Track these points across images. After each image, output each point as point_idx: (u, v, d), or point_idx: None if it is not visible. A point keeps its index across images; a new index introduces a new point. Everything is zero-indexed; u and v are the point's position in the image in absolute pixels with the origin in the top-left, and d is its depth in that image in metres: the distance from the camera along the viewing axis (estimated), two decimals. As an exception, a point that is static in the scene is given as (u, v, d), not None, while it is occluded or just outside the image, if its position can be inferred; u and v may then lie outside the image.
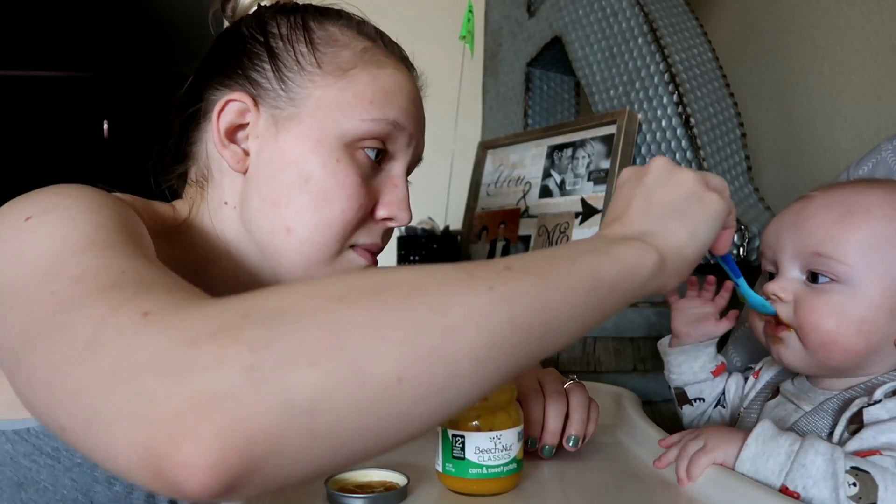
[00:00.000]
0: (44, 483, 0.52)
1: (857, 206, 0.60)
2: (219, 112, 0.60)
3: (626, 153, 1.20)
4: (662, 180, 0.49)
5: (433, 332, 0.31)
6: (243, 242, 0.62)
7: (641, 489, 0.58)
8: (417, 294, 0.32)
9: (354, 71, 0.61)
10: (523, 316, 0.35)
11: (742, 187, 1.15)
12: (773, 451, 0.52)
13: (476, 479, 0.53)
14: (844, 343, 0.59)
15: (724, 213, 0.49)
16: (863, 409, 0.55)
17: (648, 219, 0.47)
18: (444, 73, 1.68)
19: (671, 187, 0.48)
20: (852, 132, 1.15)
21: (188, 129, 0.64)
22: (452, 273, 0.35)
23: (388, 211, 0.63)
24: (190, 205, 0.64)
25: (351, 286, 0.32)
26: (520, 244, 1.33)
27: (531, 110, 1.60)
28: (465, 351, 0.32)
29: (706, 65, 1.23)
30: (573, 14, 1.39)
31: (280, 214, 0.59)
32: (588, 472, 0.61)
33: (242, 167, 0.60)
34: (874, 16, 1.10)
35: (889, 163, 0.76)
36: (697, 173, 0.50)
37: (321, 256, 0.60)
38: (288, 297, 0.32)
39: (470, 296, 0.33)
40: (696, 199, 0.48)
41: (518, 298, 0.35)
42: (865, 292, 0.58)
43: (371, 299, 0.31)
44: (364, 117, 0.59)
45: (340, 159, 0.59)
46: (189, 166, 0.65)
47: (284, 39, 0.61)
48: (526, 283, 0.36)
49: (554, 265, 0.38)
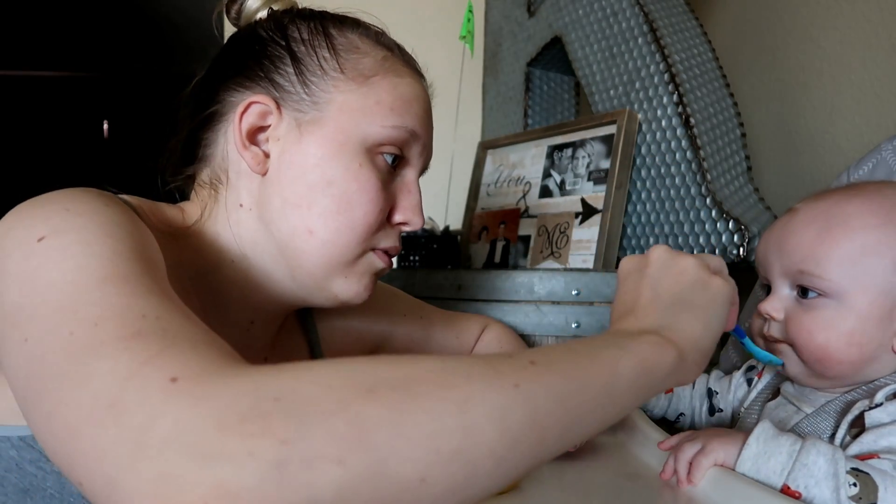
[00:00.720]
0: (50, 490, 0.51)
1: (835, 220, 0.60)
2: (241, 113, 0.60)
3: (626, 153, 1.20)
4: (665, 270, 0.50)
5: (457, 433, 0.32)
6: (259, 244, 0.62)
7: (641, 489, 0.58)
8: (443, 390, 0.33)
9: (376, 78, 0.62)
10: (544, 415, 0.35)
11: (742, 187, 1.15)
12: (774, 450, 0.52)
13: None
14: (837, 356, 0.59)
15: (731, 294, 0.50)
16: (864, 412, 0.55)
17: (660, 311, 0.48)
18: (444, 73, 1.68)
19: (675, 277, 0.49)
20: (852, 132, 1.15)
21: (200, 131, 0.64)
22: (479, 368, 0.35)
23: (403, 216, 0.64)
24: (202, 207, 0.64)
25: (380, 377, 0.33)
26: (520, 244, 1.33)
27: (531, 110, 1.60)
28: (487, 452, 0.32)
29: (706, 65, 1.23)
30: (573, 14, 1.39)
31: (302, 216, 0.59)
32: (588, 472, 0.61)
33: (262, 169, 0.61)
34: (874, 16, 1.10)
35: (889, 163, 0.76)
36: (697, 258, 0.51)
37: (343, 258, 0.61)
38: (318, 382, 0.32)
39: (494, 394, 0.34)
40: (702, 287, 0.49)
41: (540, 397, 0.36)
42: (853, 305, 0.59)
43: (400, 394, 0.32)
44: (385, 123, 0.61)
45: (362, 164, 0.60)
46: (200, 168, 0.65)
47: (307, 44, 0.62)
48: (548, 381, 0.37)
49: (576, 361, 0.39)
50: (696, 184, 1.11)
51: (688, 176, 1.13)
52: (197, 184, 0.65)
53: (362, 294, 0.64)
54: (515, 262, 1.34)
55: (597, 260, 1.16)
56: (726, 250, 1.05)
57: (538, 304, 1.06)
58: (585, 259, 1.18)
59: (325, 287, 0.62)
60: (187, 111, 0.65)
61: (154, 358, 0.33)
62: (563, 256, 1.22)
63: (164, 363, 0.32)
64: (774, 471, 0.51)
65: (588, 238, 1.19)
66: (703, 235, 1.09)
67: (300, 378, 0.32)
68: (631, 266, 0.53)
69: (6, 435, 0.50)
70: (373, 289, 0.65)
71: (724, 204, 1.07)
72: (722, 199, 1.08)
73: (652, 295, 0.49)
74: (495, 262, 1.38)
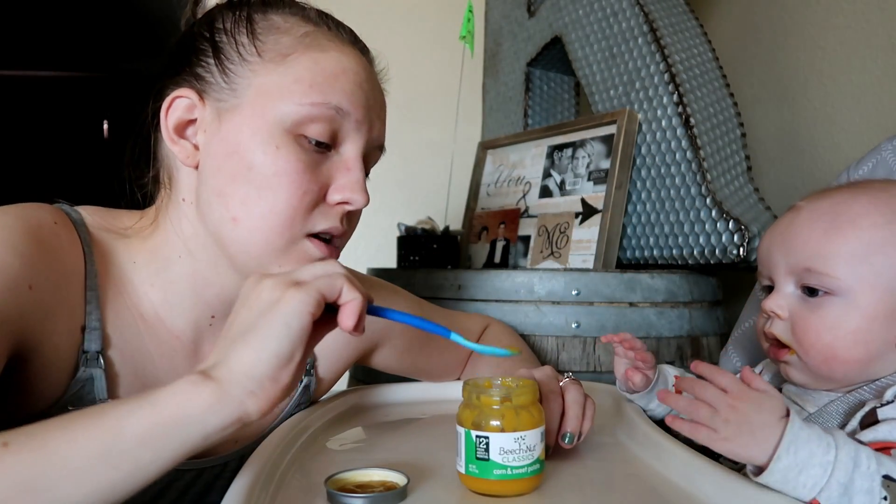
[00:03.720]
0: None
1: (843, 217, 0.60)
2: (167, 109, 0.61)
3: (626, 153, 1.20)
4: (242, 300, 0.48)
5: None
6: (199, 237, 0.63)
7: (641, 489, 0.58)
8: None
9: (294, 56, 0.61)
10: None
11: (742, 187, 1.15)
12: (805, 461, 0.47)
13: (500, 480, 0.53)
14: (844, 355, 0.59)
15: (307, 304, 0.46)
16: (876, 409, 0.55)
17: (221, 348, 0.46)
18: (444, 73, 1.68)
19: (250, 305, 0.47)
20: (852, 132, 1.15)
21: (153, 133, 0.66)
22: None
23: (341, 194, 0.62)
24: (157, 208, 0.66)
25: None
26: (520, 244, 1.33)
27: (531, 110, 1.60)
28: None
29: (706, 65, 1.23)
30: (573, 14, 1.39)
31: (226, 205, 0.59)
32: (588, 472, 0.61)
33: (192, 161, 0.61)
34: (874, 16, 1.10)
35: (889, 163, 0.76)
36: (283, 277, 0.48)
37: (271, 245, 0.60)
38: None
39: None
40: (268, 307, 0.46)
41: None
42: (859, 303, 0.58)
43: None
44: (303, 101, 0.59)
45: (280, 146, 0.59)
46: (158, 169, 0.67)
47: (227, 33, 0.62)
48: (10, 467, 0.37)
49: (61, 435, 0.39)
50: (696, 184, 1.11)
51: (688, 176, 1.13)
52: (159, 185, 0.67)
53: None
54: (515, 262, 1.34)
55: (597, 260, 1.16)
56: (726, 250, 1.05)
57: (538, 304, 1.06)
58: (585, 259, 1.18)
59: None
60: (145, 115, 0.66)
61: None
62: (563, 256, 1.22)
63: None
64: (805, 485, 0.47)
65: (588, 238, 1.19)
66: (703, 235, 1.09)
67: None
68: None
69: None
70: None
71: (724, 204, 1.07)
72: (722, 199, 1.08)
73: (226, 329, 0.48)
74: (495, 262, 1.38)
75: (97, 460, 0.40)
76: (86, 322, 0.59)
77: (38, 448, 0.39)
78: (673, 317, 1.08)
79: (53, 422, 0.40)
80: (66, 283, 0.58)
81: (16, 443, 0.38)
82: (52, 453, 0.39)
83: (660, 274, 1.09)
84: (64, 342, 0.58)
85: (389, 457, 0.63)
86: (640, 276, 1.07)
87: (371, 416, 0.80)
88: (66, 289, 0.58)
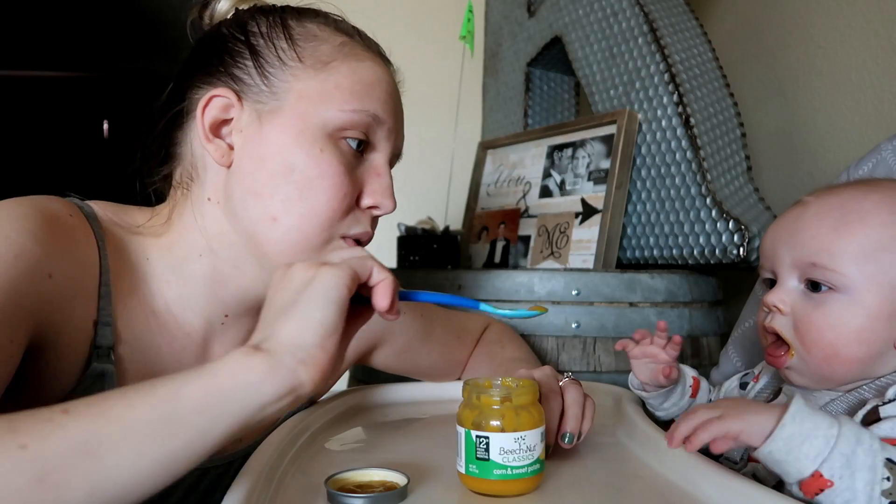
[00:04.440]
0: None
1: (852, 214, 0.60)
2: (203, 107, 0.62)
3: (626, 153, 1.20)
4: (276, 286, 0.49)
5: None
6: (225, 236, 0.64)
7: (641, 489, 0.58)
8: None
9: (334, 63, 0.63)
10: (59, 470, 0.36)
11: (742, 187, 1.15)
12: (810, 431, 0.48)
13: (500, 480, 0.53)
14: (846, 354, 0.59)
15: (342, 279, 0.47)
16: (878, 407, 0.55)
17: (264, 327, 0.47)
18: (444, 73, 1.68)
19: (284, 287, 0.48)
20: (852, 132, 1.15)
21: (172, 131, 0.66)
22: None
23: (372, 199, 0.64)
24: (171, 206, 0.66)
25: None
26: (520, 244, 1.33)
27: (531, 110, 1.60)
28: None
29: (706, 65, 1.23)
30: (573, 14, 1.39)
31: (264, 204, 0.61)
32: (588, 472, 0.61)
33: (227, 161, 0.62)
34: (874, 16, 1.10)
35: (889, 163, 0.76)
36: (312, 262, 0.49)
37: (308, 245, 0.62)
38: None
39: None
40: (304, 285, 0.47)
41: (51, 453, 0.36)
42: (863, 301, 0.58)
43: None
44: (344, 108, 0.61)
45: (323, 149, 0.61)
46: (174, 167, 0.67)
47: (265, 37, 0.63)
48: (68, 434, 0.37)
49: (122, 402, 0.40)
50: (696, 184, 1.11)
51: (688, 176, 1.13)
52: (172, 184, 0.67)
53: None
54: (515, 262, 1.34)
55: (597, 260, 1.16)
56: (726, 250, 1.05)
57: (538, 304, 1.06)
58: (585, 259, 1.18)
59: None
60: (160, 113, 0.67)
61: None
62: (563, 256, 1.22)
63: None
64: (808, 455, 0.47)
65: (588, 238, 1.19)
66: (703, 235, 1.09)
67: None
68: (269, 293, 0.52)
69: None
70: None
71: (724, 204, 1.07)
72: (722, 199, 1.08)
73: (265, 313, 0.49)
74: (495, 262, 1.38)
75: (156, 426, 0.39)
76: (98, 317, 0.59)
77: (98, 413, 0.38)
78: (673, 317, 1.08)
79: (111, 392, 0.40)
80: (82, 276, 0.58)
81: (75, 409, 0.38)
82: (112, 418, 0.38)
83: (660, 274, 1.09)
84: (77, 335, 0.58)
85: (389, 457, 0.63)
86: (640, 276, 1.07)
87: (371, 416, 0.80)
88: (82, 281, 0.58)
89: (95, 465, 0.37)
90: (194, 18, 0.71)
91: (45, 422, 0.37)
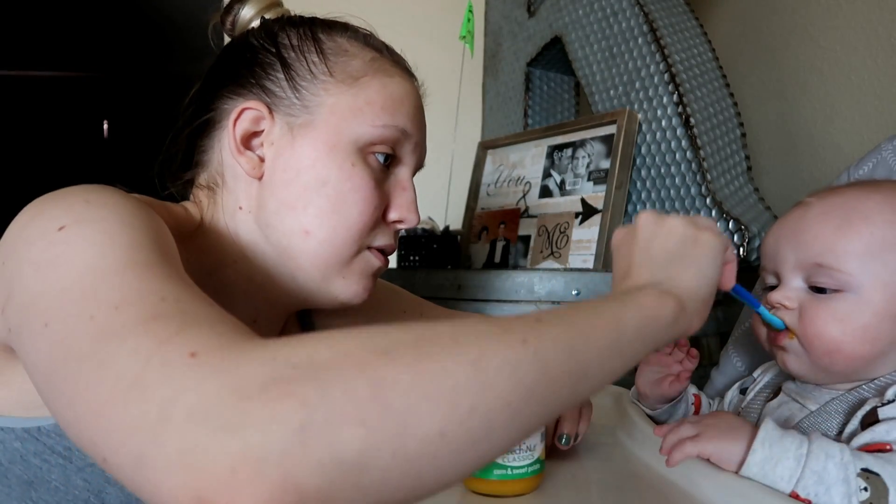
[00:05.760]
0: (55, 482, 0.52)
1: (856, 213, 0.60)
2: (234, 120, 0.62)
3: (626, 153, 1.20)
4: (654, 232, 0.51)
5: (472, 389, 0.32)
6: (259, 245, 0.63)
7: (641, 489, 0.58)
8: (457, 348, 0.34)
9: (365, 79, 0.63)
10: (554, 367, 0.36)
11: (742, 187, 1.15)
12: (780, 454, 0.51)
13: (500, 480, 0.53)
14: (849, 351, 0.59)
15: (722, 247, 0.51)
16: (877, 408, 0.55)
17: (654, 269, 0.49)
18: (444, 73, 1.68)
19: (664, 236, 0.50)
20: (852, 132, 1.16)
21: (198, 138, 0.66)
22: (488, 328, 0.36)
23: (398, 213, 0.65)
24: (201, 208, 0.66)
25: (393, 339, 0.34)
26: (520, 244, 1.33)
27: (531, 110, 1.60)
28: (502, 405, 0.33)
29: (706, 65, 1.23)
30: (573, 14, 1.39)
31: (297, 217, 0.61)
32: (587, 471, 0.61)
33: (258, 173, 0.62)
34: (874, 15, 1.10)
35: (889, 163, 0.76)
36: (685, 217, 0.52)
37: (340, 257, 0.62)
38: (335, 348, 0.32)
39: (505, 350, 0.35)
40: (692, 241, 0.50)
41: (549, 351, 0.36)
42: (869, 299, 0.58)
43: (415, 355, 0.33)
44: (376, 123, 0.62)
45: (355, 163, 0.61)
46: (198, 173, 0.67)
47: (296, 50, 0.63)
48: (555, 335, 0.37)
49: (581, 316, 0.40)
50: (696, 184, 1.11)
51: (688, 176, 1.13)
52: (195, 186, 0.67)
53: (361, 294, 0.65)
54: (515, 262, 1.34)
55: (597, 260, 1.16)
56: (726, 250, 1.05)
57: (538, 304, 1.06)
58: (585, 259, 1.18)
59: (325, 289, 0.63)
60: (185, 119, 0.67)
61: (174, 337, 0.33)
62: (563, 256, 1.22)
63: (184, 341, 0.33)
64: (782, 477, 0.50)
65: (588, 238, 1.19)
66: (703, 235, 1.09)
67: (317, 346, 0.33)
68: (621, 236, 0.54)
69: (10, 426, 0.51)
70: (372, 289, 0.66)
71: (724, 204, 1.07)
72: (722, 199, 1.08)
73: (644, 256, 0.50)
74: (495, 262, 1.38)
75: (610, 347, 0.40)
76: None
77: (571, 326, 0.39)
78: (673, 317, 1.08)
79: (562, 310, 0.41)
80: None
81: (546, 321, 0.38)
82: (582, 333, 0.39)
83: (660, 274, 1.08)
84: None
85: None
86: (640, 276, 1.07)
87: (371, 416, 0.80)
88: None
89: (576, 369, 0.38)
90: (216, 23, 0.70)
91: (532, 325, 0.37)
